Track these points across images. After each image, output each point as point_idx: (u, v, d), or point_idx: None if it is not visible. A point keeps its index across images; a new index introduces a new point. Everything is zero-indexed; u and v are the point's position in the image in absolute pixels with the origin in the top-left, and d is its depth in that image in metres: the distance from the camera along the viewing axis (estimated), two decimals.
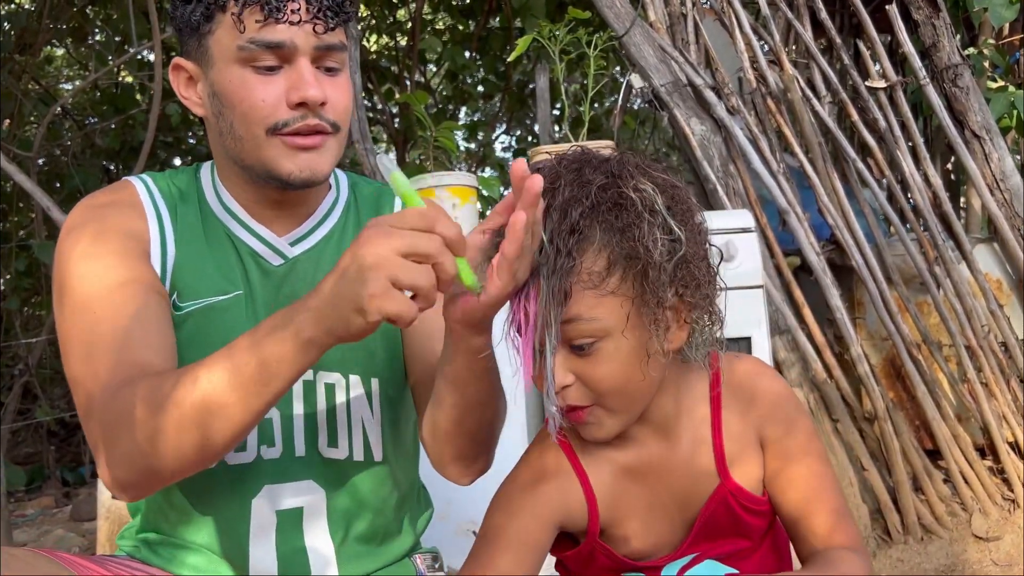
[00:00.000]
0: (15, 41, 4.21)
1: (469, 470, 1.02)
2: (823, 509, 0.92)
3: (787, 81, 2.63)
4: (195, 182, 1.09)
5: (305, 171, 0.99)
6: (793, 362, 2.45)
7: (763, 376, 0.96)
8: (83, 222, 1.00)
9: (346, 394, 1.06)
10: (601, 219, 0.82)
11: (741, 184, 2.59)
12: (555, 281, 0.80)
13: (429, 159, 2.46)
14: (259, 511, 1.03)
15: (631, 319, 0.83)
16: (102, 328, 0.93)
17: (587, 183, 0.83)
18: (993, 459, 2.53)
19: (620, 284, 0.82)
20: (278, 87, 0.97)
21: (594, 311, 0.82)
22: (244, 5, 0.95)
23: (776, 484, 0.94)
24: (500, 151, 7.25)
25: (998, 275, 2.69)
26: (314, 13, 0.97)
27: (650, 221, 0.82)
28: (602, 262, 0.82)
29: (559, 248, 0.80)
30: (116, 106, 4.57)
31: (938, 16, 2.56)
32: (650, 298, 0.83)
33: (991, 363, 2.50)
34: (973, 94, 2.58)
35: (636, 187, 0.83)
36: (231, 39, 0.97)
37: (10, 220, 4.43)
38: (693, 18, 2.70)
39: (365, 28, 5.51)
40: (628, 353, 0.84)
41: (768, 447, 0.94)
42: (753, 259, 1.98)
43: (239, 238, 1.05)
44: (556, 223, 0.81)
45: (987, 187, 2.56)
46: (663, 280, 0.82)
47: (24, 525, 3.33)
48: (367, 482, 1.08)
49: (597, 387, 0.85)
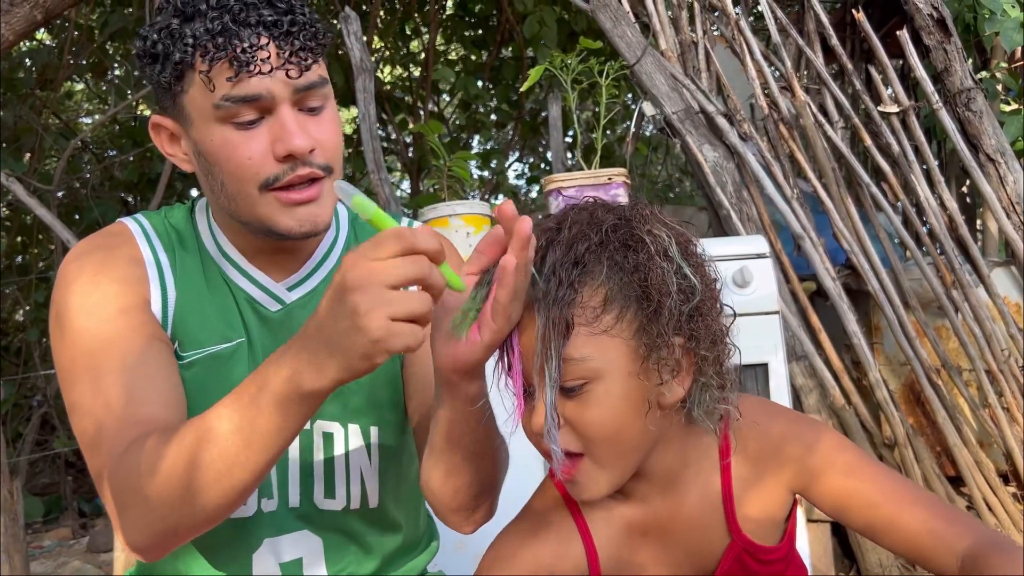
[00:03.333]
0: (37, 77, 4.29)
1: (470, 520, 0.96)
2: (899, 509, 0.84)
3: (799, 107, 2.63)
4: (191, 223, 1.05)
5: (306, 225, 0.95)
6: (811, 388, 2.43)
7: (770, 424, 0.89)
8: (77, 275, 0.97)
9: (344, 444, 1.03)
10: (608, 256, 0.78)
11: (755, 210, 2.58)
12: (555, 312, 0.76)
13: (443, 188, 2.47)
14: (261, 565, 1.01)
15: (626, 363, 0.78)
16: (106, 390, 0.89)
17: (598, 222, 0.80)
18: (1017, 485, 2.49)
19: (616, 323, 0.78)
20: (262, 141, 0.91)
21: (585, 349, 0.77)
22: (211, 61, 0.89)
23: (835, 507, 0.87)
24: (513, 179, 7.29)
25: (1016, 298, 2.67)
26: (286, 58, 0.90)
27: (663, 266, 0.78)
28: (599, 297, 0.78)
29: (561, 279, 0.77)
30: (134, 139, 4.64)
31: (949, 41, 2.57)
32: (652, 343, 0.78)
33: (1012, 387, 2.46)
34: (987, 117, 2.58)
35: (650, 231, 0.80)
36: (205, 98, 0.90)
37: (30, 252, 4.48)
38: (704, 46, 2.72)
39: (379, 59, 5.58)
40: (620, 399, 0.79)
41: (793, 482, 0.89)
42: (768, 285, 1.97)
43: (236, 283, 1.02)
44: (560, 256, 0.78)
45: (1003, 210, 2.54)
46: (670, 326, 0.78)
47: (41, 557, 3.32)
48: (364, 527, 1.06)
49: (586, 432, 0.80)
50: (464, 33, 5.46)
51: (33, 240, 4.45)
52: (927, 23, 2.57)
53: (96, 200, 4.22)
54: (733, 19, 2.70)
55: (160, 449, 0.80)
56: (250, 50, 0.88)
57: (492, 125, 6.22)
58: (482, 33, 5.44)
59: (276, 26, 0.89)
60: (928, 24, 2.57)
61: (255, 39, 0.89)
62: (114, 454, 0.85)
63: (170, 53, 0.91)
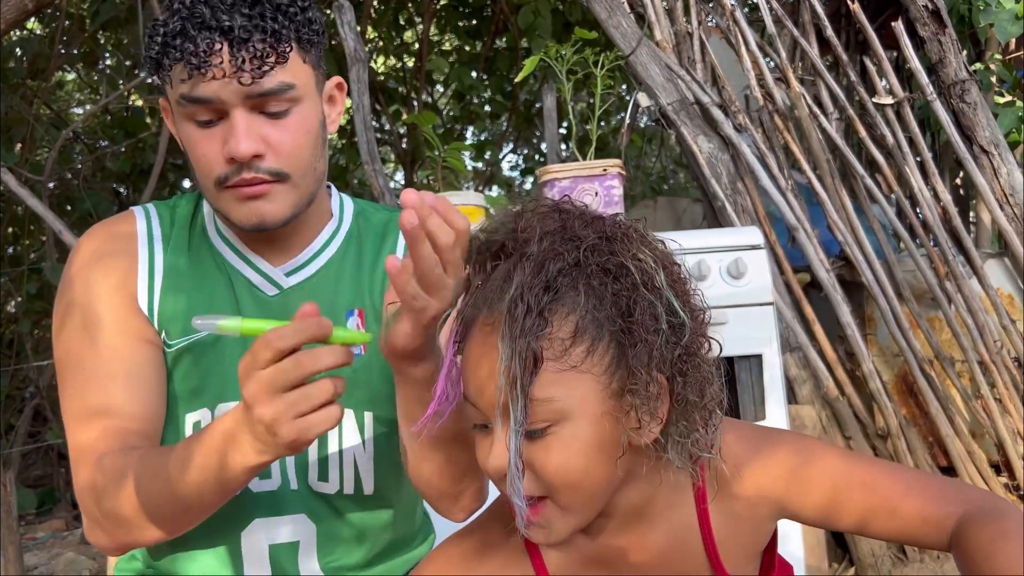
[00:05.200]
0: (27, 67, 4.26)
1: (456, 507, 0.97)
2: (892, 509, 0.78)
3: (794, 98, 2.63)
4: (198, 210, 1.09)
5: (253, 218, 0.97)
6: (805, 379, 2.44)
7: (748, 456, 0.80)
8: (71, 282, 1.02)
9: (338, 429, 1.05)
10: (586, 282, 0.69)
11: (750, 201, 2.59)
12: (522, 344, 0.66)
13: (438, 179, 2.47)
14: (250, 545, 1.02)
15: (597, 403, 0.70)
16: (94, 394, 0.96)
17: (574, 238, 0.70)
18: (1008, 476, 2.50)
19: (587, 357, 0.69)
20: (216, 142, 0.94)
21: (552, 389, 0.68)
22: (171, 62, 0.92)
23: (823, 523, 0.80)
24: (508, 170, 7.29)
25: (1009, 290, 2.68)
26: (238, 65, 0.90)
27: (649, 298, 0.69)
28: (568, 327, 0.69)
29: (529, 305, 0.67)
30: (126, 129, 4.61)
31: (944, 32, 2.57)
32: (629, 383, 0.69)
33: (1004, 379, 2.47)
34: (981, 109, 2.58)
35: (635, 255, 0.71)
36: (172, 94, 0.95)
37: (22, 243, 4.46)
38: (699, 37, 2.71)
39: (373, 50, 5.56)
40: (588, 443, 0.70)
41: (777, 512, 0.82)
42: (763, 276, 1.98)
43: (235, 268, 1.04)
44: (528, 277, 0.68)
45: (997, 202, 2.55)
46: (653, 365, 0.69)
47: (35, 548, 3.32)
48: (358, 514, 1.07)
49: (549, 479, 0.71)
50: (458, 23, 5.43)
51: (25, 231, 4.42)
52: (922, 14, 2.57)
53: (88, 191, 4.19)
54: (728, 10, 2.69)
55: (123, 475, 0.88)
56: (203, 55, 0.90)
57: (486, 116, 6.21)
58: (476, 23, 5.42)
59: (231, 31, 0.90)
60: (923, 16, 2.57)
61: (209, 43, 0.90)
62: (86, 459, 0.93)
63: (148, 53, 0.95)
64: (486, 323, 0.71)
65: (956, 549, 0.75)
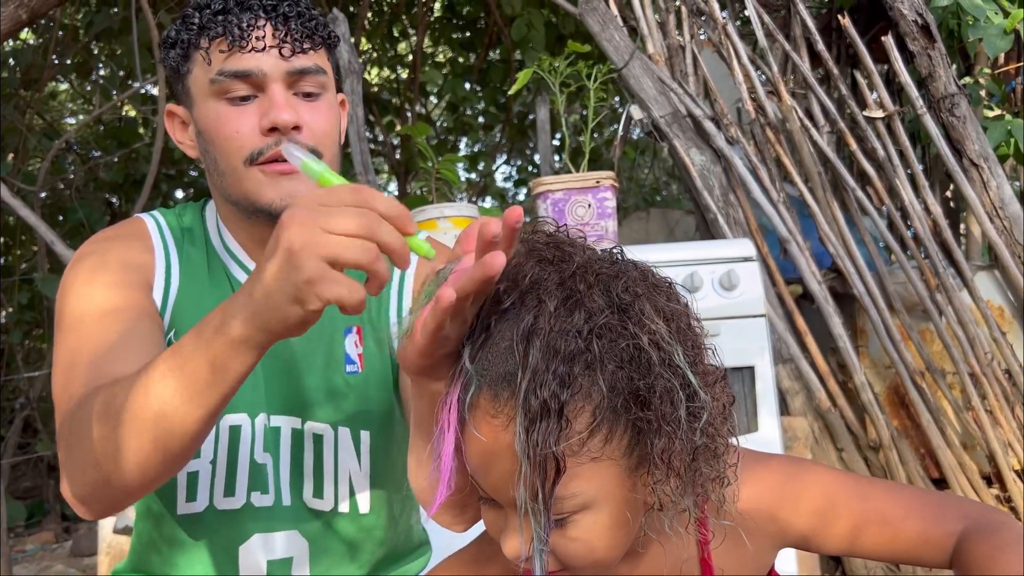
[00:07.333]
0: (20, 77, 4.25)
1: (459, 519, 0.92)
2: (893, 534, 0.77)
3: (786, 111, 2.65)
4: (200, 220, 1.09)
5: (286, 199, 0.96)
6: (797, 391, 2.45)
7: (751, 491, 0.77)
8: (86, 254, 1.01)
9: (334, 446, 1.04)
10: (603, 370, 0.63)
11: (742, 213, 2.60)
12: (542, 452, 0.61)
13: (431, 190, 2.47)
14: (247, 559, 1.01)
15: (618, 486, 0.66)
16: (85, 348, 0.91)
17: (581, 307, 0.64)
18: (1000, 487, 2.51)
19: (604, 446, 0.64)
20: (252, 116, 0.96)
21: (573, 485, 0.64)
22: (211, 39, 0.96)
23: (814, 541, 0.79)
24: (501, 181, 7.29)
25: (1000, 302, 2.69)
26: (280, 38, 0.96)
27: (668, 380, 0.64)
28: (584, 419, 0.63)
29: (546, 405, 0.61)
30: (119, 140, 4.62)
31: (933, 46, 2.59)
32: (649, 466, 0.66)
33: (995, 390, 2.48)
34: (970, 123, 2.60)
35: (650, 330, 0.64)
36: (204, 74, 0.97)
37: (13, 254, 4.44)
38: (691, 50, 2.73)
39: (367, 61, 5.57)
40: (609, 526, 0.67)
41: (778, 544, 0.81)
42: (755, 288, 1.98)
43: (236, 279, 1.05)
44: (540, 361, 0.61)
45: (987, 215, 2.57)
46: (673, 454, 0.65)
47: (24, 561, 3.29)
48: (352, 534, 1.06)
49: (570, 561, 0.69)
50: (452, 35, 5.46)
51: (16, 241, 4.40)
52: (912, 29, 2.59)
53: (80, 201, 4.18)
54: (720, 23, 2.71)
55: (107, 398, 0.79)
56: (247, 28, 0.95)
57: (480, 127, 6.23)
58: (470, 35, 5.44)
59: (274, 10, 0.96)
60: (913, 30, 2.59)
61: (252, 19, 0.96)
62: (72, 402, 0.87)
63: (180, 36, 0.98)
64: (491, 410, 0.65)
65: (956, 565, 0.75)
